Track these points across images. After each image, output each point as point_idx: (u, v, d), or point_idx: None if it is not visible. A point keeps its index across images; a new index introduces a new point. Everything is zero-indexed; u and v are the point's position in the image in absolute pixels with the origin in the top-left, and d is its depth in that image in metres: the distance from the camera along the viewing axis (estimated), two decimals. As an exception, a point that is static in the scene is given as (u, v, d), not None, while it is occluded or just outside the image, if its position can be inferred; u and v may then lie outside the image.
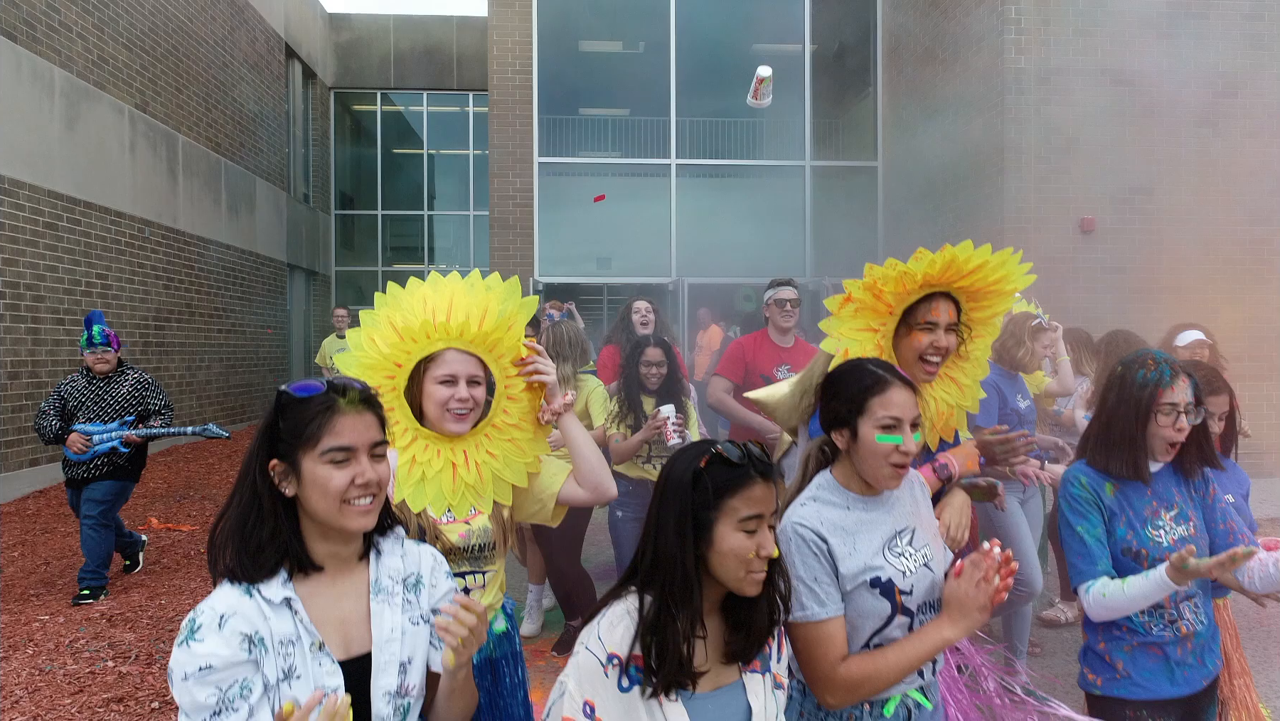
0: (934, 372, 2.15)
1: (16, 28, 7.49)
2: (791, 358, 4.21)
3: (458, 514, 1.85)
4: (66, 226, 8.17)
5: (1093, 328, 8.45)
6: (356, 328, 1.84)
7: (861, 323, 2.15)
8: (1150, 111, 8.45)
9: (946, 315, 2.14)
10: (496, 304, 1.81)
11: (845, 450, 1.74)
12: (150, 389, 4.92)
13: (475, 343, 1.82)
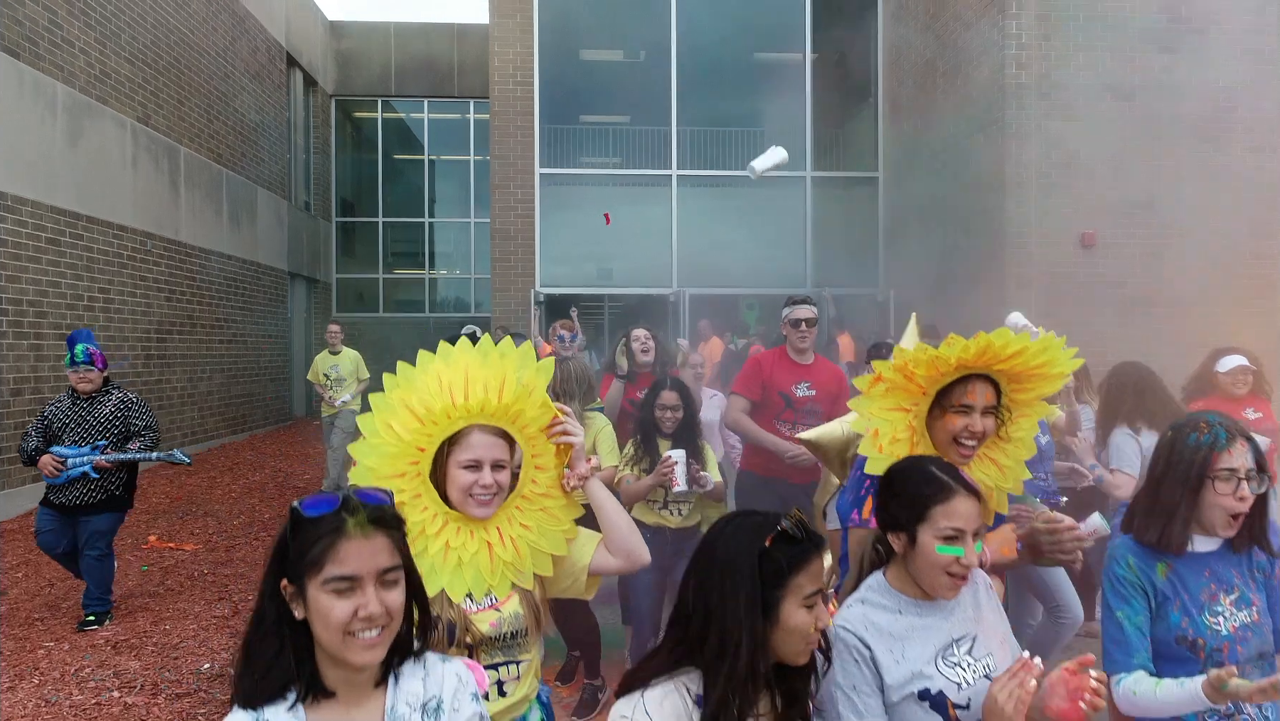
0: (969, 456, 2.02)
1: (19, 44, 7.50)
2: (811, 375, 4.11)
3: (499, 593, 1.76)
4: (69, 241, 8.18)
5: (1094, 343, 8.47)
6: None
7: (893, 402, 2.02)
8: (1151, 126, 8.47)
9: (984, 398, 1.98)
10: (513, 372, 1.74)
11: (901, 554, 1.65)
12: (134, 408, 4.77)
13: (497, 415, 1.75)
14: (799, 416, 4.01)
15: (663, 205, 11.51)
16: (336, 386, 8.10)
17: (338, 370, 8.15)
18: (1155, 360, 8.47)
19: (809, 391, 4.03)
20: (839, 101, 12.19)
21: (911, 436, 2.01)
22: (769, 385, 4.06)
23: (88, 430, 4.64)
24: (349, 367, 8.22)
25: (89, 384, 4.65)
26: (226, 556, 6.17)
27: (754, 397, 4.07)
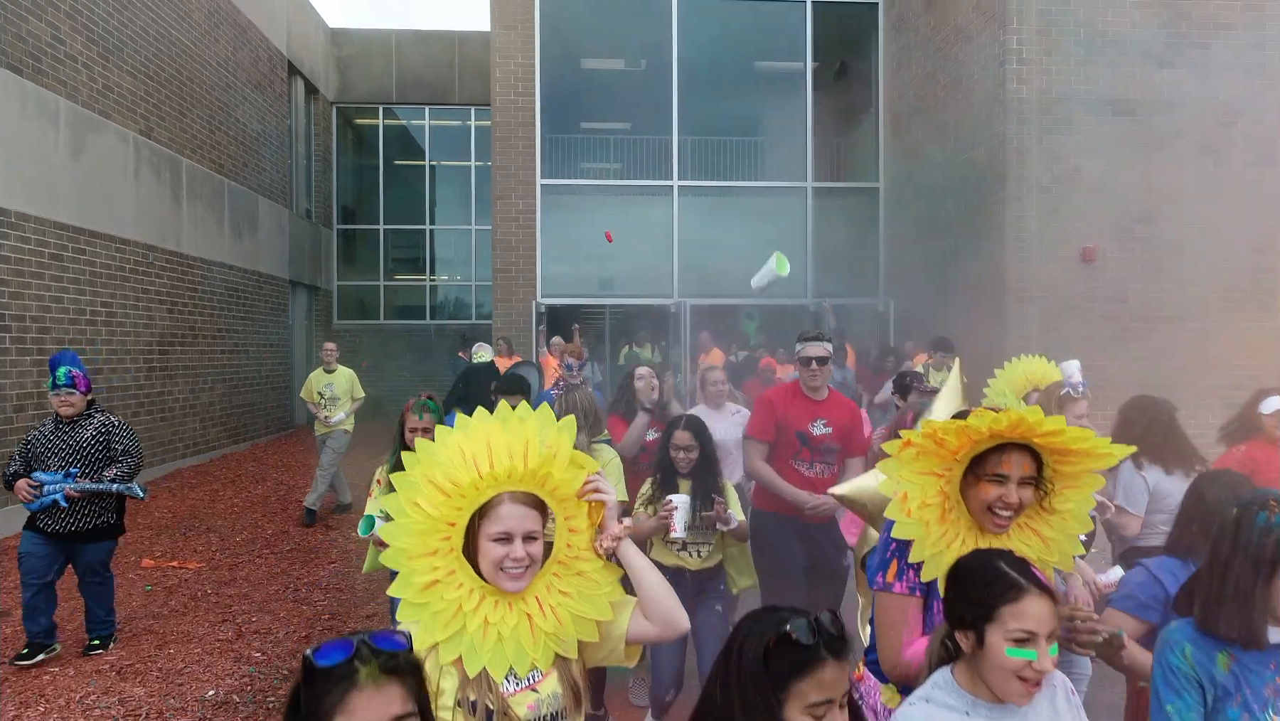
0: (1004, 526, 1.90)
1: (23, 61, 7.52)
2: (827, 411, 3.95)
3: (542, 665, 1.69)
4: (71, 256, 8.20)
5: (1094, 358, 8.50)
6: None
7: (923, 466, 1.90)
8: (1152, 140, 8.49)
9: (1020, 469, 1.84)
10: (536, 435, 1.69)
11: (969, 653, 1.55)
12: (115, 432, 4.66)
13: (525, 481, 1.69)
14: (816, 455, 3.91)
15: (663, 215, 11.53)
16: (330, 405, 7.96)
17: (332, 389, 8.01)
18: (1155, 374, 8.53)
19: (825, 429, 3.90)
20: (840, 111, 12.22)
21: (943, 502, 1.91)
22: (784, 424, 3.90)
23: (69, 455, 4.53)
24: (344, 386, 8.09)
25: (71, 407, 4.55)
26: (230, 575, 6.18)
27: (769, 440, 3.91)
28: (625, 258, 11.73)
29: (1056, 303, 8.44)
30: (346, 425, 8.05)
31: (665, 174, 11.52)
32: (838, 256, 11.97)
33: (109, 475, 4.56)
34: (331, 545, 7.05)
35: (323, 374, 8.14)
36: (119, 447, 4.65)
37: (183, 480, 9.67)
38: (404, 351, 17.01)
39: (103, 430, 4.63)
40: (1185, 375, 8.58)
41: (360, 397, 8.24)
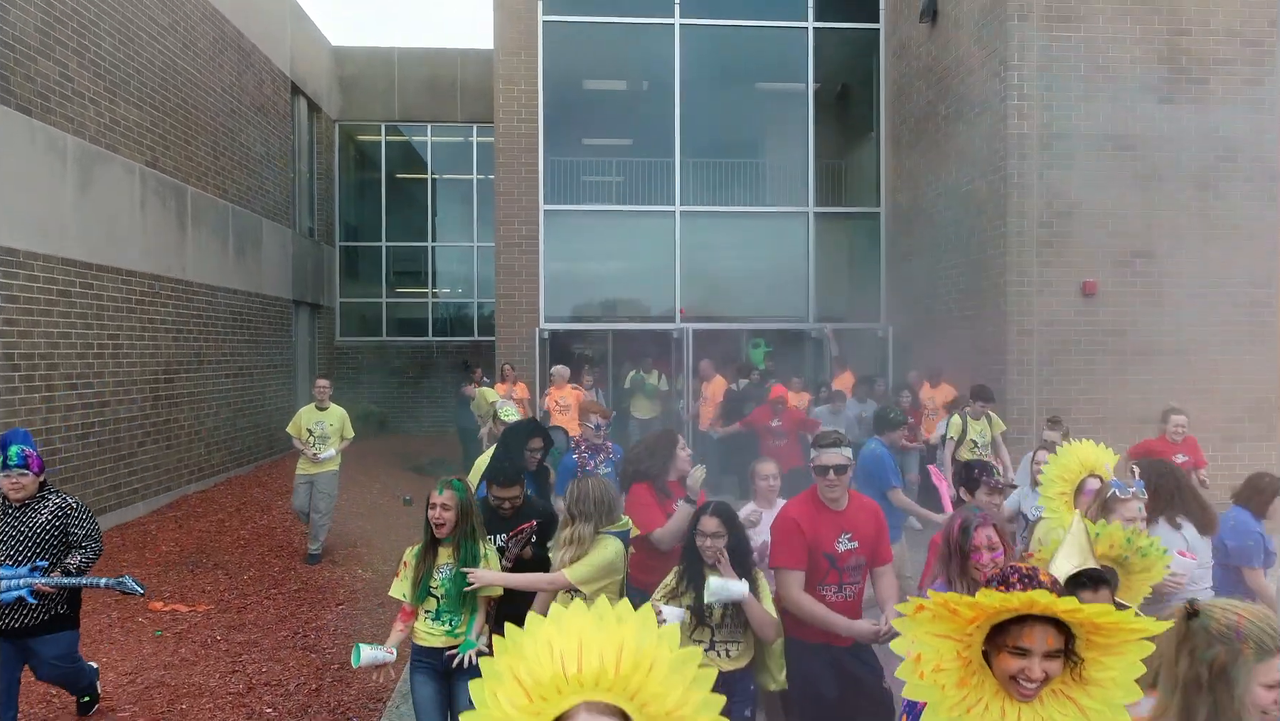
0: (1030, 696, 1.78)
1: (31, 101, 7.58)
2: (850, 523, 3.59)
3: None
4: (79, 291, 8.25)
5: (1094, 391, 8.58)
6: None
7: (940, 628, 1.79)
8: (1151, 175, 8.57)
9: (1043, 642, 1.72)
10: (632, 639, 1.55)
11: None
12: (74, 516, 4.19)
13: (614, 689, 1.55)
14: (844, 576, 3.58)
15: (666, 241, 11.59)
16: (320, 443, 7.65)
17: (323, 426, 7.71)
18: (1154, 407, 8.57)
19: (851, 544, 3.57)
20: (841, 134, 12.28)
21: (962, 667, 1.79)
22: (814, 547, 3.52)
23: (21, 542, 4.06)
24: (335, 425, 7.78)
25: (22, 490, 4.08)
26: (239, 619, 6.24)
27: (802, 566, 3.50)
28: (628, 283, 11.80)
29: (1057, 336, 8.52)
30: (334, 464, 7.80)
31: (668, 199, 11.58)
32: (839, 281, 12.05)
33: (72, 564, 4.12)
34: (338, 583, 7.11)
35: (314, 410, 7.82)
36: (79, 532, 4.20)
37: (188, 508, 9.73)
38: (406, 368, 17.07)
39: (59, 514, 4.16)
40: (1185, 406, 8.64)
41: (350, 437, 7.98)
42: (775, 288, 11.86)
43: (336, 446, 7.77)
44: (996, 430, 7.37)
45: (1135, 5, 8.54)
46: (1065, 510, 3.54)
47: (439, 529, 3.45)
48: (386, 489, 10.98)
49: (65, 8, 8.05)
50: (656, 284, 11.67)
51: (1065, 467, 3.64)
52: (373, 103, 16.94)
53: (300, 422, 7.76)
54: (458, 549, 3.49)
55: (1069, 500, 3.59)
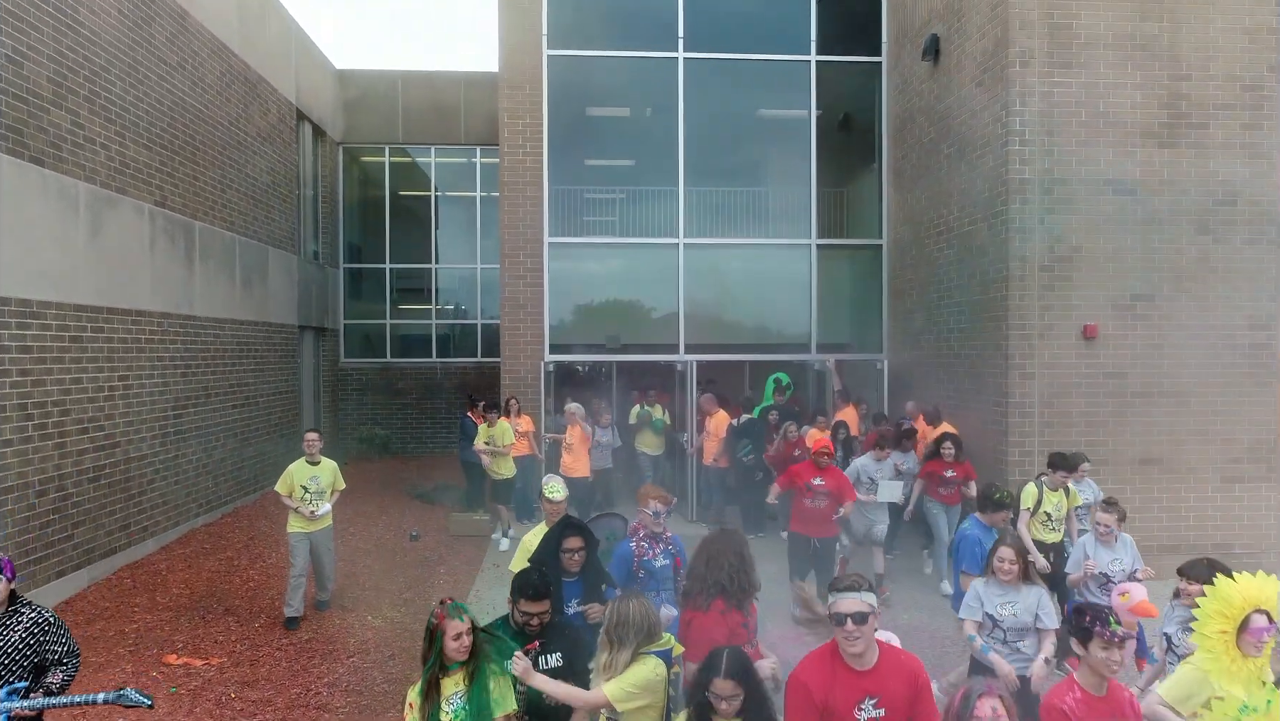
0: None
1: (45, 152, 7.66)
2: (877, 684, 2.93)
3: None
4: (90, 336, 8.33)
5: (1094, 432, 8.67)
6: None
7: None
8: (1151, 220, 8.65)
9: None
10: None
11: None
12: (50, 632, 3.78)
13: None
14: None
15: (669, 274, 11.67)
16: (316, 499, 7.39)
17: (318, 481, 7.42)
18: (1155, 449, 8.68)
19: (876, 711, 2.92)
20: (843, 166, 12.34)
21: None
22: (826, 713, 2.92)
23: None
24: (327, 479, 7.51)
25: None
26: (252, 673, 6.32)
27: None
28: (632, 315, 11.89)
29: (1058, 379, 8.60)
30: (329, 519, 7.59)
31: (671, 231, 11.66)
32: (841, 312, 12.14)
33: (54, 682, 3.73)
34: (349, 632, 7.18)
35: (305, 466, 7.45)
36: (60, 649, 3.81)
37: (197, 544, 9.81)
38: (410, 389, 17.16)
39: (35, 629, 3.74)
40: (1185, 449, 8.76)
41: (341, 489, 7.72)
42: (778, 319, 11.95)
43: (330, 501, 7.54)
44: (1074, 504, 6.84)
45: (1135, 51, 8.62)
46: (1225, 651, 3.30)
47: (461, 653, 3.20)
48: (392, 522, 11.06)
49: (77, 56, 8.14)
50: (660, 315, 11.75)
51: (1227, 602, 3.30)
52: (376, 125, 17.04)
53: (292, 480, 7.40)
54: (469, 676, 3.21)
55: (1229, 639, 3.31)
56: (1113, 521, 5.47)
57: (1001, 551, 4.32)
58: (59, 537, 7.83)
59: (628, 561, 4.73)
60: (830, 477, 7.07)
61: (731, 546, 4.03)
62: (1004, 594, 4.36)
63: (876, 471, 8.06)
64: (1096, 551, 5.46)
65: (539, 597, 3.49)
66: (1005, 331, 8.63)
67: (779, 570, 7.91)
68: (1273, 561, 8.78)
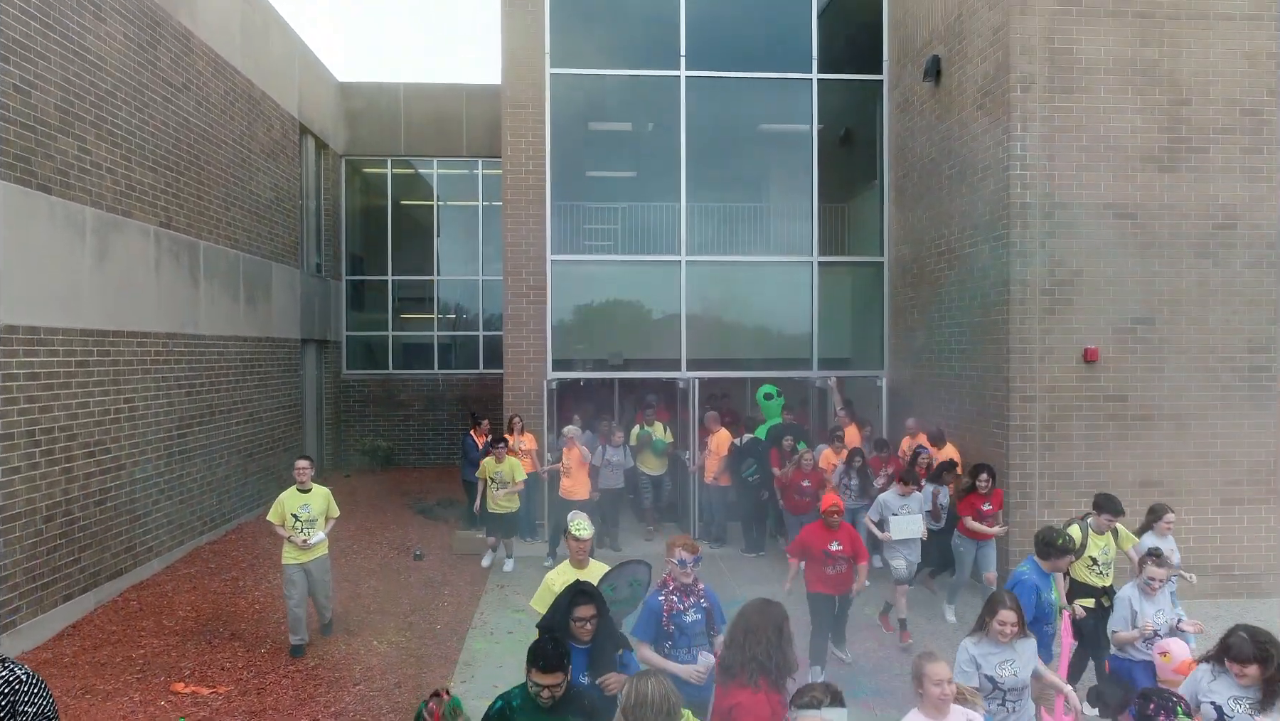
0: None
1: (52, 179, 7.71)
2: None
3: None
4: (96, 360, 8.38)
5: (1094, 455, 8.72)
6: None
7: None
8: (1152, 243, 8.70)
9: None
10: None
11: None
12: (23, 691, 3.55)
13: None
14: None
15: (671, 291, 11.71)
16: (308, 527, 7.26)
17: (309, 510, 7.28)
18: (1155, 471, 8.72)
19: None
20: (845, 182, 12.38)
21: None
22: None
23: None
24: (320, 506, 7.37)
25: None
26: (259, 702, 6.36)
27: None
28: (634, 332, 11.93)
29: (1059, 402, 8.65)
30: (324, 548, 7.47)
31: (673, 248, 11.71)
32: (842, 329, 12.18)
33: None
34: (354, 658, 7.23)
35: (297, 494, 7.32)
36: (30, 711, 3.55)
37: (202, 564, 9.86)
38: (412, 401, 17.21)
39: (7, 689, 3.51)
40: (1185, 471, 8.80)
41: (336, 516, 7.60)
42: (779, 336, 11.99)
43: (324, 529, 7.42)
44: (1126, 545, 6.52)
45: (1136, 76, 8.67)
46: None
47: None
48: (396, 540, 11.10)
49: (83, 82, 8.18)
50: (662, 332, 11.80)
51: None
52: (379, 137, 17.08)
53: (283, 508, 7.27)
54: None
55: None
56: (1164, 576, 5.28)
57: (1003, 614, 4.14)
58: (66, 562, 7.88)
59: (657, 616, 4.48)
60: (844, 538, 6.64)
61: (771, 621, 3.82)
62: (1000, 652, 4.21)
63: (901, 508, 7.59)
64: (1142, 605, 5.29)
65: (551, 670, 3.37)
66: (1006, 354, 8.68)
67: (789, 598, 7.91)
68: (1271, 583, 8.84)
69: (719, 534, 10.72)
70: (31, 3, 7.42)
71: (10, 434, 7.15)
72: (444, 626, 7.97)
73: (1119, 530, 6.55)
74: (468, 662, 7.11)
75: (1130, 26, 8.68)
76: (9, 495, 7.14)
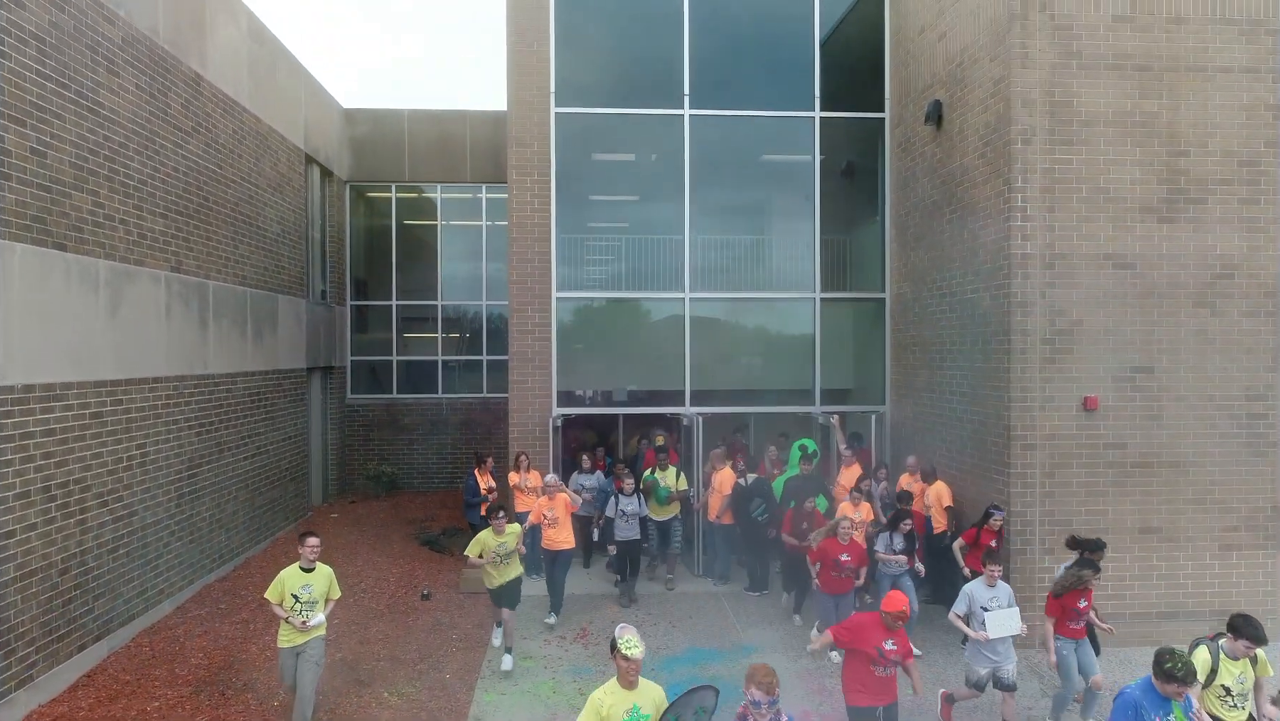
0: None
1: (67, 236, 7.81)
2: None
3: None
4: (110, 410, 8.49)
5: (1093, 501, 8.84)
6: None
7: None
8: (1151, 293, 8.82)
9: None
10: None
11: None
12: None
13: None
14: None
15: (675, 326, 11.83)
16: (307, 609, 6.73)
17: (310, 590, 6.76)
18: (1154, 518, 8.84)
19: None
20: (847, 219, 12.47)
21: None
22: None
23: None
24: (322, 588, 6.88)
25: None
26: (274, 762, 6.47)
27: None
28: (638, 368, 12.04)
29: (1059, 450, 8.77)
30: (322, 629, 6.93)
31: (677, 285, 11.83)
32: (844, 365, 12.29)
33: None
34: (366, 713, 7.33)
35: (299, 573, 6.81)
36: None
37: (212, 604, 9.97)
38: (416, 425, 17.32)
39: None
40: (1184, 518, 8.93)
41: (337, 597, 7.11)
42: (782, 372, 12.11)
43: (324, 611, 6.90)
44: (1263, 673, 5.54)
45: (1135, 128, 8.79)
46: None
47: None
48: (403, 576, 11.21)
49: (97, 138, 8.29)
50: (666, 368, 11.91)
51: None
52: (383, 163, 17.20)
53: (284, 588, 6.75)
54: None
55: None
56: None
57: None
58: (80, 612, 7.99)
59: None
60: (901, 642, 5.85)
61: None
62: None
63: (990, 600, 6.70)
64: None
65: None
66: (1007, 403, 8.79)
67: (786, 634, 7.99)
68: (1269, 627, 8.95)
69: (723, 571, 10.83)
70: (48, 65, 7.53)
71: (27, 491, 7.26)
72: (453, 675, 8.09)
73: (1258, 656, 5.50)
74: (478, 717, 7.22)
75: (1129, 79, 8.80)
76: (27, 551, 7.25)
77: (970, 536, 8.58)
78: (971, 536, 8.57)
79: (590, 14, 11.80)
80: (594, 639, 9.00)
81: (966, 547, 8.60)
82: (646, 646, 4.52)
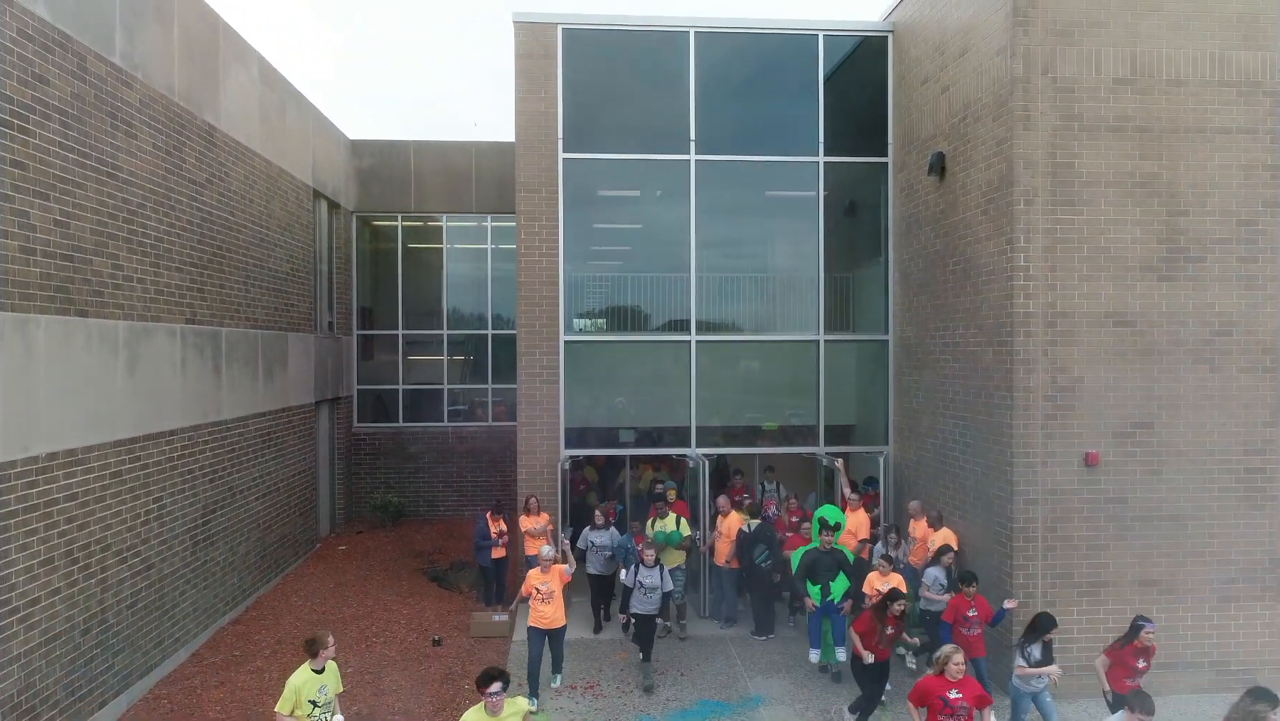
0: None
1: (88, 302, 7.96)
2: None
3: None
4: (128, 467, 8.63)
5: (1095, 555, 9.01)
6: None
7: None
8: (1151, 350, 8.99)
9: None
10: None
11: None
12: None
13: None
14: None
15: (681, 368, 11.98)
16: (326, 711, 6.41)
17: (326, 691, 6.45)
18: (1153, 571, 9.00)
19: None
20: (850, 261, 12.63)
21: None
22: None
23: None
24: (335, 684, 6.59)
25: None
26: (295, 829, 6.61)
27: None
28: (645, 409, 12.19)
29: (1061, 504, 8.93)
30: None
31: (684, 328, 11.99)
32: (848, 404, 12.45)
33: None
34: (383, 772, 7.48)
35: (312, 676, 6.40)
36: None
37: (227, 650, 10.11)
38: (422, 453, 17.46)
39: None
40: (1184, 571, 9.09)
41: (340, 691, 6.78)
42: (786, 413, 12.27)
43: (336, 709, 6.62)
44: None
45: (1136, 189, 8.95)
46: None
47: None
48: (414, 616, 11.35)
49: (116, 201, 8.43)
50: (672, 411, 12.07)
51: None
52: (389, 194, 17.35)
53: (300, 695, 6.29)
54: None
55: None
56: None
57: None
58: (101, 670, 8.13)
59: None
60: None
61: None
62: None
63: None
64: None
65: None
66: (1010, 458, 8.95)
67: (793, 682, 8.13)
68: (1267, 676, 9.12)
69: (730, 615, 10.98)
70: (70, 135, 7.67)
71: (51, 557, 7.40)
72: (467, 731, 8.22)
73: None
74: (493, 779, 7.36)
75: (1130, 140, 8.96)
76: (50, 615, 7.39)
77: (1114, 654, 7.43)
78: (1116, 654, 7.42)
79: (597, 61, 11.96)
80: (602, 690, 9.15)
81: (1109, 664, 7.46)
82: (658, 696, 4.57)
